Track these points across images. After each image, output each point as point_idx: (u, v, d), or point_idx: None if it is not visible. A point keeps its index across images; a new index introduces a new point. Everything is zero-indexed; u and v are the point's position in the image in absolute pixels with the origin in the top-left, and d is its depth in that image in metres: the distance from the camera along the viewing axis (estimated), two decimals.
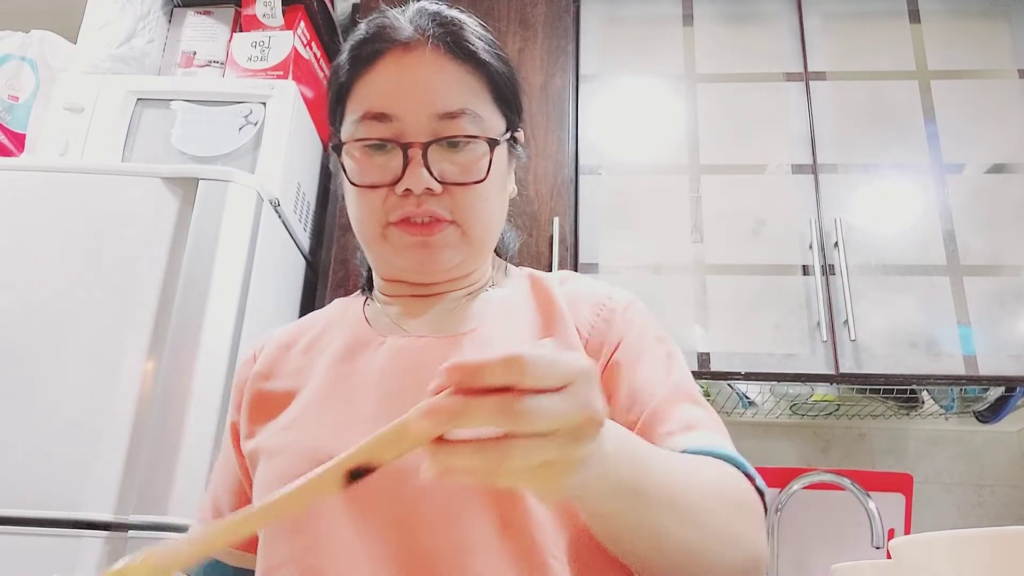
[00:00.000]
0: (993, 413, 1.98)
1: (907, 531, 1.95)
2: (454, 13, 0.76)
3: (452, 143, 0.71)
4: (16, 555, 1.25)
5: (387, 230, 0.72)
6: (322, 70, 2.08)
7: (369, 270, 0.84)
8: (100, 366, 1.36)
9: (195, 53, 1.97)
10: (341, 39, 2.15)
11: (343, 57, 0.76)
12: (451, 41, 0.73)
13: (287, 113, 1.76)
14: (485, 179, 0.72)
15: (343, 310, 0.83)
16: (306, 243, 1.92)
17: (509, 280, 0.81)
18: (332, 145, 0.77)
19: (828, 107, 1.97)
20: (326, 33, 2.08)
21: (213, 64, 1.96)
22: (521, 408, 0.39)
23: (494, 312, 0.76)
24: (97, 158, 1.70)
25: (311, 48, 2.02)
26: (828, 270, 1.80)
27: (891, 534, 1.93)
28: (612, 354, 0.72)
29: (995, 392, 1.92)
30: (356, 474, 0.43)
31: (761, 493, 0.65)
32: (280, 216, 1.70)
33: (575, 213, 1.91)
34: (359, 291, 0.85)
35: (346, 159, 0.73)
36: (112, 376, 1.36)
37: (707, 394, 1.97)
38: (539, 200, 1.90)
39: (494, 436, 0.39)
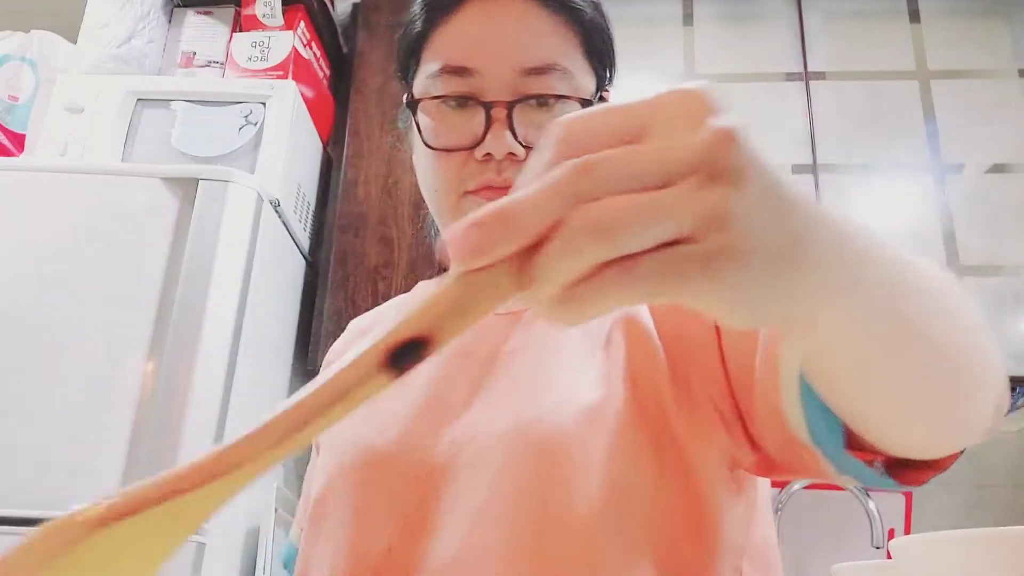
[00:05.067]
0: None
1: (907, 531, 1.95)
2: None
3: (541, 102, 0.62)
4: None
5: (463, 200, 0.63)
6: (322, 70, 2.08)
7: None
8: (100, 366, 1.36)
9: (195, 53, 1.97)
10: (341, 39, 2.15)
11: (417, 5, 0.68)
12: None
13: (287, 113, 1.76)
14: None
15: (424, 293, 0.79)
16: (306, 243, 1.92)
17: None
18: (406, 103, 0.68)
19: (828, 107, 1.97)
20: (326, 33, 2.08)
21: (213, 64, 1.96)
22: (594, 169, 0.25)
23: None
24: (97, 158, 1.69)
25: (311, 48, 2.02)
26: None
27: (891, 534, 1.93)
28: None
29: None
30: (403, 354, 0.27)
31: None
32: (280, 216, 1.70)
33: None
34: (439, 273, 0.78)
35: (421, 118, 0.65)
36: (112, 376, 1.35)
37: None
38: None
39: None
